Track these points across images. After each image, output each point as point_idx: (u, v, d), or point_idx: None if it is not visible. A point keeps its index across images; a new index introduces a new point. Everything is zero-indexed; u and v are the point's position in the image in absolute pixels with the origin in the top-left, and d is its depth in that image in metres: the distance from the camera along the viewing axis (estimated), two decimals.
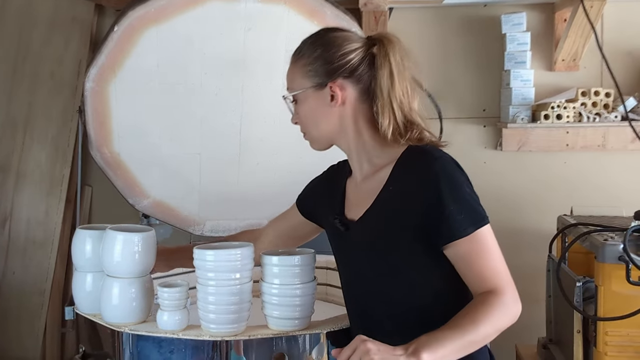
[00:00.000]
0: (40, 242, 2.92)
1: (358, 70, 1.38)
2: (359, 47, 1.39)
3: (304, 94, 1.41)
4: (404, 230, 1.32)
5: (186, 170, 2.24)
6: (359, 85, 1.39)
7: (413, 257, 1.33)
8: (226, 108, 2.19)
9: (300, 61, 1.43)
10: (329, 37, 1.43)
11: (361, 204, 1.41)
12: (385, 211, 1.36)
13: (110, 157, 2.15)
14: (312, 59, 1.41)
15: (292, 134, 2.28)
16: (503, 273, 1.27)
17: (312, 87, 1.40)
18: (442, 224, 1.27)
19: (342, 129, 1.42)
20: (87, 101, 2.07)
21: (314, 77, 1.40)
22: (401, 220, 1.33)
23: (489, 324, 1.22)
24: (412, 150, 1.36)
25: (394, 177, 1.36)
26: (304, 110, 1.43)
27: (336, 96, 1.38)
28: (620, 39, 2.87)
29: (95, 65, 2.04)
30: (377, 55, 1.37)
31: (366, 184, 1.42)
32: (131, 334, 1.58)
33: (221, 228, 2.34)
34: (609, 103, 2.76)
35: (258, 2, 2.08)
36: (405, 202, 1.32)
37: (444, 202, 1.27)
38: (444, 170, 1.30)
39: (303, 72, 1.42)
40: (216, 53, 2.11)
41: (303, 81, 1.41)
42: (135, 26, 2.02)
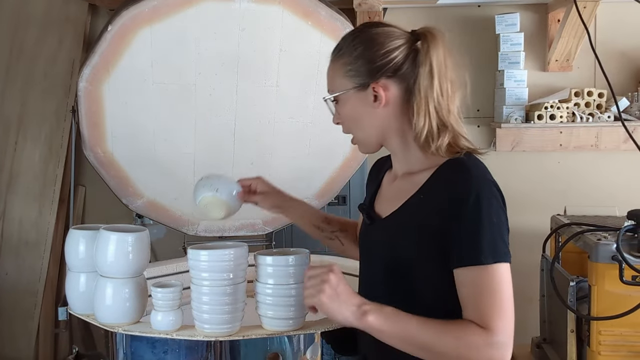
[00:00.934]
0: (33, 242, 2.91)
1: (402, 69, 1.30)
2: (402, 43, 1.31)
3: (346, 95, 1.35)
4: (422, 244, 1.26)
5: (180, 170, 2.23)
6: (404, 84, 1.31)
7: (426, 273, 1.27)
8: (220, 108, 2.19)
9: (340, 60, 1.36)
10: (370, 33, 1.34)
11: (391, 202, 1.37)
12: (408, 219, 1.30)
13: (104, 157, 2.14)
14: (353, 58, 1.33)
15: (286, 134, 2.29)
16: (505, 318, 1.18)
17: (353, 88, 1.33)
18: (459, 246, 1.21)
19: (388, 130, 1.35)
20: (81, 101, 2.06)
21: (355, 78, 1.33)
22: (422, 234, 1.26)
23: (453, 348, 1.17)
24: (453, 161, 1.28)
25: (428, 185, 1.29)
26: (346, 112, 1.37)
27: (379, 97, 1.31)
28: (613, 39, 2.88)
29: (89, 65, 2.03)
30: (419, 52, 1.30)
31: (402, 183, 1.37)
32: (125, 334, 1.57)
33: (215, 228, 2.33)
34: (602, 103, 2.78)
35: (252, 3, 2.07)
36: (430, 216, 1.25)
37: (467, 225, 1.20)
38: (476, 192, 1.21)
39: (343, 72, 1.35)
40: (210, 53, 2.11)
41: (344, 81, 1.35)
42: (129, 26, 2.01)
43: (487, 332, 1.16)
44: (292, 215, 1.71)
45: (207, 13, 2.06)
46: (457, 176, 1.25)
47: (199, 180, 1.66)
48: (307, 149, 2.27)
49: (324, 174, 2.33)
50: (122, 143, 2.15)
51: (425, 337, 1.18)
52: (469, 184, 1.22)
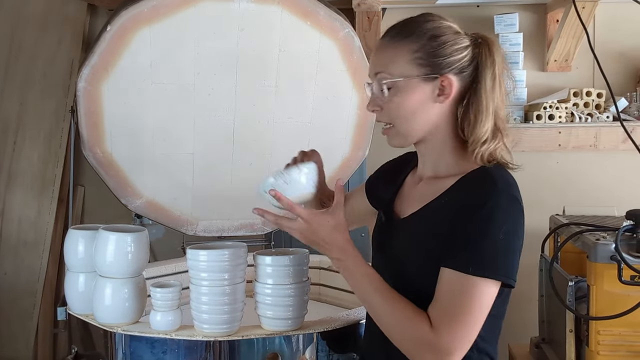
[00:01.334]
0: (32, 242, 2.91)
1: (466, 69, 1.27)
2: (469, 44, 1.28)
3: (408, 82, 1.25)
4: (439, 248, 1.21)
5: (179, 170, 2.23)
6: (463, 85, 1.27)
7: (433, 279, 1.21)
8: (219, 108, 2.19)
9: (407, 45, 1.26)
10: (439, 25, 1.30)
11: (412, 203, 1.33)
12: (428, 222, 1.27)
13: (103, 157, 2.14)
14: (422, 45, 1.26)
15: (285, 134, 2.29)
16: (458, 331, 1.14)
17: (419, 77, 1.25)
18: (456, 246, 1.17)
19: (436, 127, 1.29)
20: (80, 101, 2.06)
21: (422, 67, 1.25)
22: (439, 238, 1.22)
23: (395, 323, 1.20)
24: (481, 170, 1.25)
25: (452, 190, 1.26)
26: (401, 100, 1.26)
27: (446, 91, 1.25)
28: (612, 39, 2.88)
29: (88, 65, 2.03)
30: (482, 55, 1.27)
31: (426, 186, 1.33)
32: (124, 334, 1.57)
33: (214, 228, 2.33)
34: (601, 103, 2.78)
35: (252, 3, 2.07)
36: (448, 221, 1.21)
37: (472, 229, 1.16)
38: (494, 202, 1.18)
39: (409, 57, 1.26)
40: (210, 53, 2.11)
41: (409, 67, 1.25)
42: (128, 26, 2.01)
43: (432, 333, 1.15)
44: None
45: (206, 13, 2.06)
46: (480, 185, 1.22)
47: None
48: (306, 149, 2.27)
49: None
50: (121, 143, 2.15)
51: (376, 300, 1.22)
52: (489, 193, 1.19)
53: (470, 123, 1.25)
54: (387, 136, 1.32)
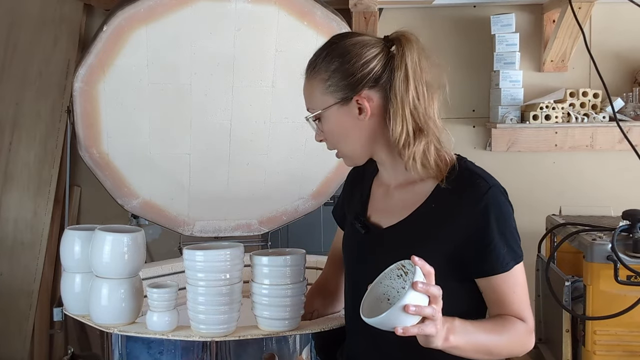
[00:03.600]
0: (29, 242, 2.90)
1: (382, 77, 1.27)
2: (378, 52, 1.28)
3: (328, 111, 1.30)
4: (437, 252, 1.24)
5: (176, 171, 2.23)
6: (384, 93, 1.27)
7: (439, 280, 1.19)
8: (216, 108, 2.19)
9: (317, 77, 1.31)
10: (344, 45, 1.30)
11: (393, 212, 1.33)
12: (422, 228, 1.28)
13: (99, 158, 2.14)
14: (331, 73, 1.29)
15: (281, 134, 2.28)
16: (528, 308, 1.29)
17: (336, 104, 1.29)
18: (484, 257, 1.24)
19: (375, 140, 1.31)
20: (76, 101, 2.06)
21: (336, 93, 1.28)
22: (438, 242, 1.26)
23: (508, 344, 1.24)
24: (462, 169, 1.28)
25: (438, 195, 1.27)
26: (330, 128, 1.32)
27: (364, 109, 1.27)
28: (608, 40, 2.89)
29: (84, 65, 2.03)
30: (394, 57, 1.27)
31: (401, 193, 1.34)
32: (120, 335, 1.57)
33: (211, 228, 2.33)
34: (597, 104, 2.78)
35: (248, 3, 2.07)
36: (447, 226, 1.25)
37: (491, 235, 1.23)
38: (494, 200, 1.24)
39: (322, 88, 1.30)
40: (206, 53, 2.11)
41: (325, 98, 1.30)
42: (125, 26, 2.01)
43: (524, 323, 1.26)
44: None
45: (203, 13, 2.05)
46: (473, 183, 1.26)
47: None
48: (303, 150, 2.27)
49: (319, 174, 2.32)
50: (118, 143, 2.14)
51: (493, 342, 1.23)
52: (488, 191, 1.24)
53: (389, 124, 1.27)
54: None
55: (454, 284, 1.25)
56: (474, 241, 1.23)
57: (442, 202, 1.26)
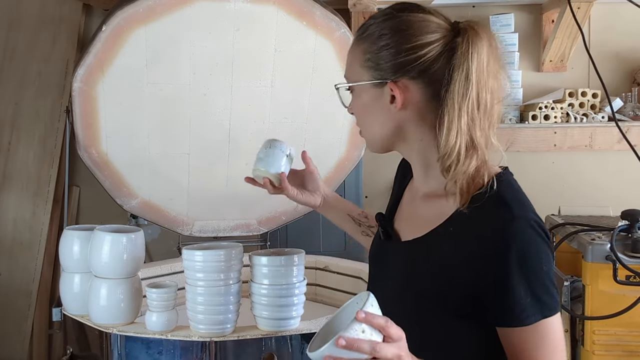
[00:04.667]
0: (27, 242, 2.90)
1: (431, 69, 1.07)
2: (437, 38, 1.07)
3: (360, 87, 1.14)
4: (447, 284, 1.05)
5: (175, 171, 2.23)
6: (430, 89, 1.08)
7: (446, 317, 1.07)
8: (215, 108, 2.18)
9: (361, 45, 1.14)
10: (403, 20, 1.09)
11: (413, 225, 1.16)
12: (436, 252, 1.09)
13: (98, 157, 2.13)
14: (376, 47, 1.10)
15: (281, 134, 2.28)
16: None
17: (369, 82, 1.12)
18: (499, 303, 1.01)
19: (403, 136, 1.13)
20: (75, 101, 2.06)
21: (372, 71, 1.11)
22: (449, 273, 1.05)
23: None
24: (494, 196, 1.05)
25: (459, 218, 1.06)
26: (357, 106, 1.16)
27: (396, 99, 1.09)
28: (607, 40, 2.89)
29: (83, 65, 2.03)
30: (456, 51, 1.05)
31: (426, 204, 1.16)
32: (119, 334, 1.57)
33: (210, 228, 2.33)
34: (596, 104, 2.78)
35: (247, 3, 2.07)
36: (461, 256, 1.04)
37: (508, 279, 1.00)
38: (519, 237, 1.01)
39: (362, 60, 1.13)
40: (205, 53, 2.11)
41: (361, 72, 1.13)
42: (124, 26, 2.01)
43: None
44: (329, 203, 1.48)
45: (202, 13, 2.05)
46: (497, 211, 1.03)
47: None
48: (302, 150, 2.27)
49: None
50: (117, 143, 2.14)
51: None
52: (512, 224, 1.01)
53: (438, 135, 1.06)
54: None
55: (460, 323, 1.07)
56: (489, 282, 1.01)
57: (461, 226, 1.06)
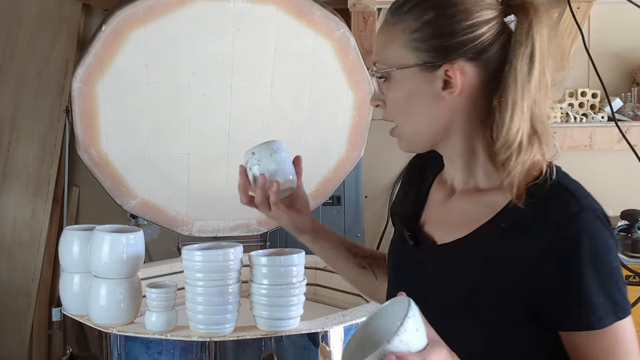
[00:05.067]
0: (27, 242, 2.90)
1: (489, 51, 0.95)
2: (494, 16, 0.96)
3: (403, 72, 0.97)
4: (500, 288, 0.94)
5: (174, 171, 2.23)
6: (485, 72, 0.96)
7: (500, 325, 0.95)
8: (215, 108, 2.18)
9: (401, 23, 0.97)
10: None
11: (451, 225, 1.03)
12: (484, 252, 0.96)
13: (98, 158, 2.13)
14: (422, 24, 0.95)
15: (280, 134, 2.28)
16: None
17: (417, 66, 0.96)
18: (567, 305, 0.90)
19: (450, 129, 0.99)
20: (75, 101, 2.06)
21: (420, 52, 0.96)
22: (503, 275, 0.94)
23: None
24: (554, 186, 0.95)
25: (511, 213, 0.95)
26: (397, 95, 0.99)
27: (453, 84, 0.95)
28: (607, 40, 2.89)
29: (83, 65, 2.03)
30: (516, 29, 0.95)
31: (464, 201, 1.03)
32: (119, 335, 1.57)
33: (210, 228, 2.33)
34: (596, 104, 2.79)
35: (247, 2, 2.07)
36: (518, 254, 0.93)
37: (581, 278, 0.89)
38: (588, 230, 0.90)
39: (404, 40, 0.96)
40: (205, 53, 2.11)
41: (404, 54, 0.97)
42: (123, 26, 2.01)
43: None
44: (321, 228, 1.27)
45: (201, 13, 2.05)
46: (559, 204, 0.93)
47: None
48: (302, 150, 2.27)
49: (318, 174, 2.32)
50: (116, 143, 2.14)
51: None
52: (578, 218, 0.91)
53: (497, 123, 0.95)
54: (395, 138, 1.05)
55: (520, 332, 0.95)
56: (556, 282, 0.90)
57: (515, 222, 0.94)
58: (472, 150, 1.01)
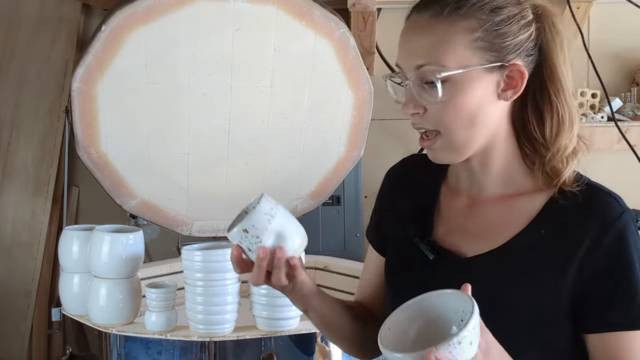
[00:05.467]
0: (27, 242, 2.90)
1: (532, 53, 0.96)
2: (532, 18, 0.96)
3: (467, 75, 0.92)
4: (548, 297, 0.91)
5: (174, 171, 2.23)
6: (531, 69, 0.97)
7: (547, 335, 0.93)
8: (214, 108, 2.18)
9: (462, 21, 0.92)
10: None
11: (481, 235, 0.98)
12: (526, 261, 0.93)
13: (98, 158, 2.13)
14: (484, 23, 0.92)
15: (280, 134, 2.28)
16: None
17: (483, 67, 0.91)
18: (610, 304, 0.90)
19: (496, 135, 0.96)
20: (74, 101, 2.06)
21: (484, 52, 0.92)
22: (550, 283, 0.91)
23: None
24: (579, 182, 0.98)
25: (551, 217, 0.94)
26: (460, 101, 0.92)
27: (516, 84, 0.94)
28: (606, 40, 2.89)
29: (83, 65, 2.03)
30: (545, 30, 0.96)
31: (496, 209, 0.98)
32: (119, 335, 1.57)
33: (209, 228, 2.33)
34: (595, 104, 2.78)
35: (247, 3, 2.07)
36: (563, 260, 0.91)
37: (627, 275, 0.90)
38: (629, 231, 0.91)
39: (468, 39, 0.91)
40: (204, 53, 2.11)
41: (467, 54, 0.91)
42: (123, 26, 2.01)
43: None
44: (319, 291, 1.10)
45: (201, 13, 2.05)
46: (602, 207, 0.93)
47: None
48: (302, 149, 2.27)
49: (318, 174, 2.32)
50: (116, 143, 2.14)
51: None
52: (619, 220, 0.91)
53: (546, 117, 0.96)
54: (429, 150, 0.97)
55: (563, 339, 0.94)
56: (600, 282, 0.90)
57: (556, 225, 0.93)
58: (512, 155, 0.98)
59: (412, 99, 0.94)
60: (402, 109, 0.96)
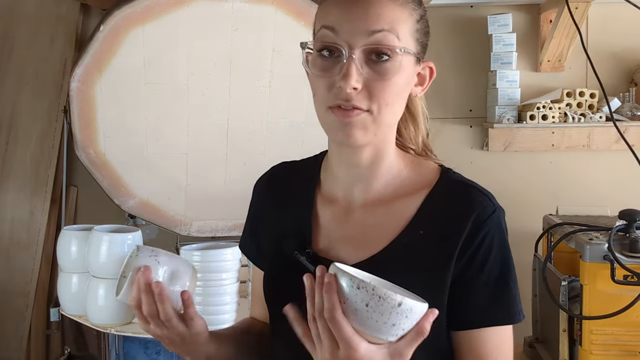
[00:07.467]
0: (25, 243, 2.89)
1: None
2: None
3: (408, 59, 0.91)
4: (430, 299, 0.84)
5: (173, 171, 2.23)
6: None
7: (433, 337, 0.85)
8: (213, 108, 2.18)
9: (413, 9, 0.92)
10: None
11: (360, 242, 0.95)
12: (407, 264, 0.91)
13: (96, 157, 2.13)
14: (423, 19, 0.94)
15: (278, 134, 2.28)
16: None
17: (413, 56, 0.92)
18: (473, 303, 0.91)
19: (393, 129, 0.98)
20: (73, 101, 2.06)
21: (417, 44, 0.93)
22: (428, 283, 0.90)
23: None
24: (453, 180, 0.96)
25: (428, 217, 0.93)
26: (397, 80, 0.89)
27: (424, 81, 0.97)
28: (605, 40, 2.89)
29: (81, 65, 2.03)
30: None
31: (372, 215, 0.96)
32: (117, 335, 1.57)
33: (208, 228, 2.33)
34: (594, 104, 2.79)
35: (245, 2, 2.07)
36: (439, 259, 0.91)
37: (495, 274, 0.91)
38: (499, 228, 0.93)
39: (413, 27, 0.92)
40: (203, 53, 2.11)
41: (409, 40, 0.91)
42: (122, 26, 2.01)
43: None
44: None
45: (200, 13, 2.05)
46: (474, 205, 0.92)
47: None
48: (300, 149, 2.27)
49: None
50: (115, 143, 2.14)
51: None
52: (490, 218, 0.92)
53: (418, 122, 1.02)
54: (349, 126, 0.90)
55: (446, 338, 0.94)
56: (472, 280, 0.91)
57: (433, 225, 0.92)
58: (392, 151, 0.97)
59: (356, 70, 0.87)
60: (342, 81, 0.86)
